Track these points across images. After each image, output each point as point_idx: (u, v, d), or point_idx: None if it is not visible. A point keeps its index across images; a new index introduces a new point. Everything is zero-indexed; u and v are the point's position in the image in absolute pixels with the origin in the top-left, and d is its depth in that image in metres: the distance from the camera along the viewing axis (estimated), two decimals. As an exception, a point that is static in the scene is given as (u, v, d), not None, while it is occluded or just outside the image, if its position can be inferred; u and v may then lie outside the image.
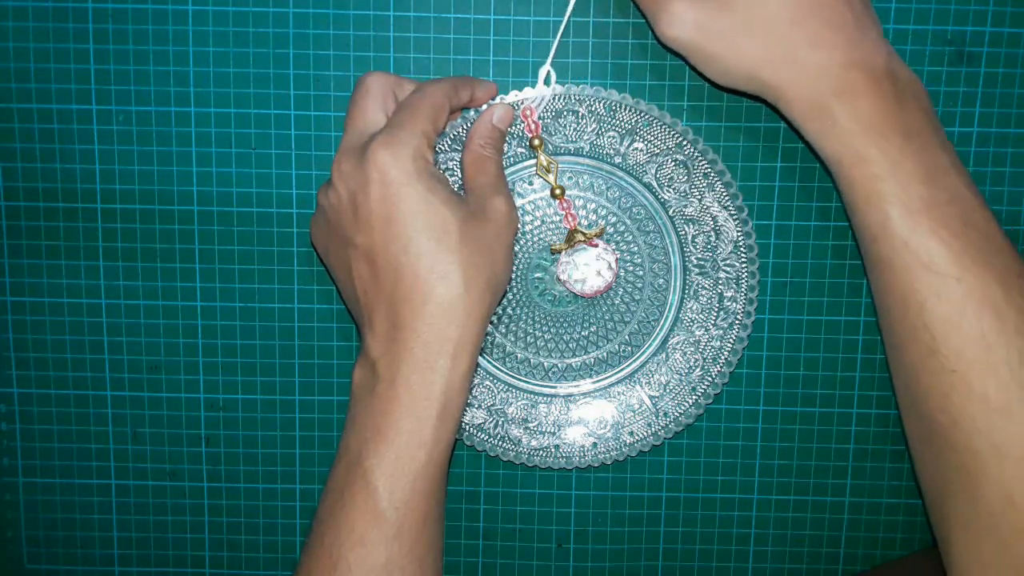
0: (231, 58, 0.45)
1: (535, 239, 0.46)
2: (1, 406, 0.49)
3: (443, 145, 0.44)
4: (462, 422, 0.47)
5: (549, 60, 0.45)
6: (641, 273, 0.47)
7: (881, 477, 0.48)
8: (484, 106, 0.44)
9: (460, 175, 0.44)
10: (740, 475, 0.49)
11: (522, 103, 0.44)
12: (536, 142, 0.45)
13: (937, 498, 0.40)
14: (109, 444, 0.49)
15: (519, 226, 0.44)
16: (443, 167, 0.44)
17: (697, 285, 0.46)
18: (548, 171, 0.45)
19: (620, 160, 0.45)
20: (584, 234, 0.45)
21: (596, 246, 0.45)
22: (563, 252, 0.46)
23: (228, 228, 0.47)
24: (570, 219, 0.46)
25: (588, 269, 0.46)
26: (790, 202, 0.46)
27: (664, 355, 0.47)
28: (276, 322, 0.48)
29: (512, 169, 0.45)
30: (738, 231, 0.45)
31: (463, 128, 0.44)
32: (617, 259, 0.46)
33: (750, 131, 0.46)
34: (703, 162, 0.45)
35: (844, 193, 0.41)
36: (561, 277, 0.46)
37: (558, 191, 0.45)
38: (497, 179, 0.43)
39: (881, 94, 0.39)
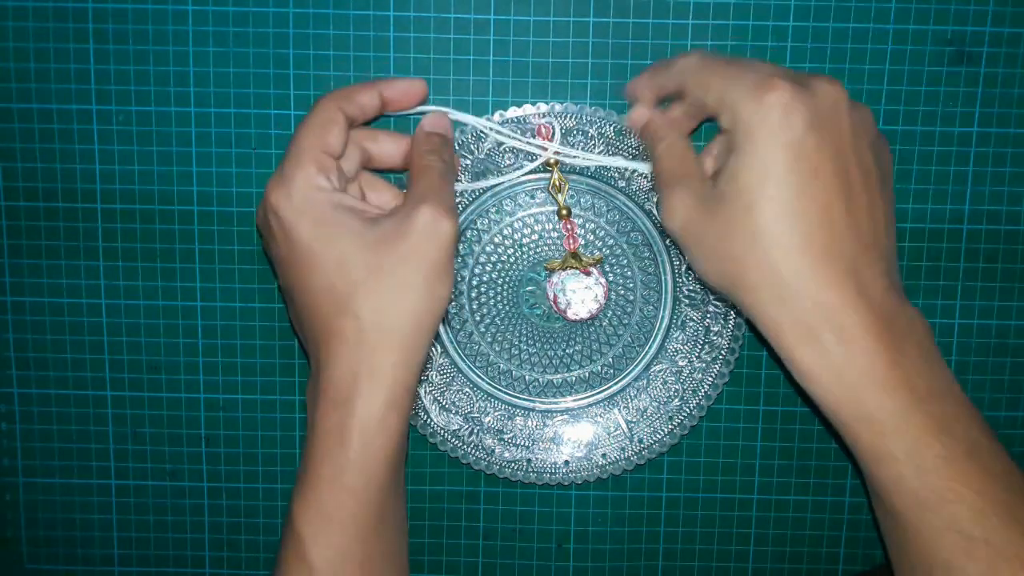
0: (231, 58, 0.45)
1: (531, 253, 0.46)
2: (1, 406, 0.49)
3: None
4: (409, 454, 0.46)
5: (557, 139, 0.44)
6: (632, 298, 0.46)
7: (881, 477, 0.48)
8: (429, 110, 0.43)
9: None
10: (740, 475, 0.49)
11: (528, 118, 0.44)
12: (552, 160, 0.44)
13: None
14: (109, 444, 0.49)
15: (457, 235, 0.38)
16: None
17: (685, 316, 0.46)
18: (559, 191, 0.45)
19: (624, 184, 0.45)
20: (581, 260, 0.45)
21: (589, 275, 0.45)
22: (555, 272, 0.45)
23: (228, 228, 0.47)
24: (571, 241, 0.45)
25: (575, 296, 0.45)
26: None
27: (645, 381, 0.47)
28: (276, 322, 0.48)
29: (512, 178, 0.45)
30: None
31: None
32: (607, 292, 0.46)
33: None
34: None
35: (850, 447, 0.37)
36: (548, 295, 0.46)
37: (564, 212, 0.45)
38: (428, 189, 0.39)
39: (879, 342, 0.34)
